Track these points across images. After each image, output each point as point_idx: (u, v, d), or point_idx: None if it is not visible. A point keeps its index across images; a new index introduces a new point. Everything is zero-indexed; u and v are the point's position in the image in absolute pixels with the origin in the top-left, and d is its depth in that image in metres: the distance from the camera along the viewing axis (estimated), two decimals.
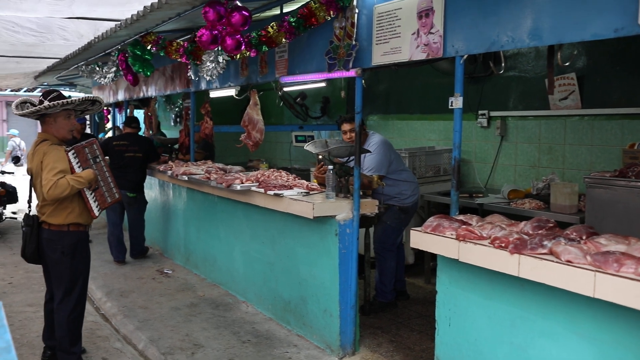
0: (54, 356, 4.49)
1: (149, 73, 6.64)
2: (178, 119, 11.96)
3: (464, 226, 3.33)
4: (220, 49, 4.81)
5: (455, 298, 3.57)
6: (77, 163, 4.07)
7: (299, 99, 9.08)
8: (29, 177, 4.32)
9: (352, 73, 4.38)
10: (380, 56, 4.19)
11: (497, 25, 3.34)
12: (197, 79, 6.85)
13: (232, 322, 5.37)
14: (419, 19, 3.85)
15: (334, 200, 4.57)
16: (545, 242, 2.86)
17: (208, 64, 4.95)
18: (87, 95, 4.22)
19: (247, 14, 4.34)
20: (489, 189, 6.38)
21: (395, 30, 4.05)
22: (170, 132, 11.19)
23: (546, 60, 4.17)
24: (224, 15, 4.32)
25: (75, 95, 7.14)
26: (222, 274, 6.41)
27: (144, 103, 10.34)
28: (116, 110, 11.88)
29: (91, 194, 4.15)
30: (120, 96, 10.20)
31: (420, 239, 3.58)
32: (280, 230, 5.22)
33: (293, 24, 4.62)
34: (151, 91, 8.67)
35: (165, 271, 7.13)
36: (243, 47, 4.61)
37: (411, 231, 3.64)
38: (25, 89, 15.14)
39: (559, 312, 2.94)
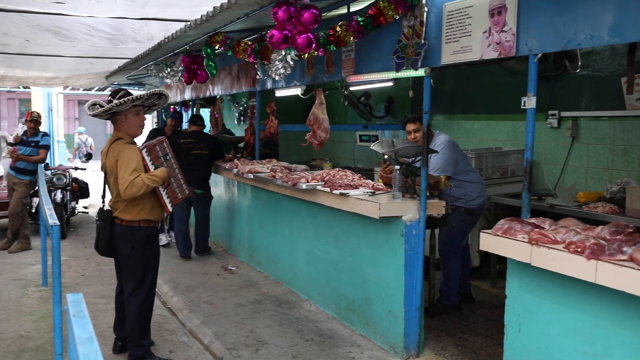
0: (124, 347, 4.63)
1: (214, 72, 6.76)
2: (242, 118, 12.14)
3: (537, 229, 3.23)
4: (289, 48, 4.85)
5: (526, 303, 3.48)
6: (149, 161, 4.18)
7: (363, 98, 9.06)
8: (102, 173, 4.46)
9: (420, 72, 4.33)
10: (449, 55, 4.13)
11: (574, 23, 3.23)
12: (263, 78, 6.92)
13: (295, 320, 5.40)
14: (490, 17, 3.77)
15: (400, 200, 4.53)
16: (624, 248, 2.75)
17: (277, 63, 4.98)
18: (153, 89, 4.31)
19: (316, 12, 4.35)
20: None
21: (465, 29, 3.98)
22: (234, 130, 11.35)
23: (624, 58, 4.01)
24: (293, 14, 4.35)
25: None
26: (285, 271, 6.46)
27: (209, 102, 10.55)
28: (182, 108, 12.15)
29: (164, 190, 4.26)
30: (187, 95, 10.42)
31: (490, 242, 3.51)
32: (345, 230, 5.22)
33: (361, 23, 4.60)
34: (217, 90, 8.82)
35: (230, 268, 7.24)
36: (314, 45, 4.62)
37: (481, 233, 3.57)
38: (96, 88, 15.67)
39: None
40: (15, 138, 8.47)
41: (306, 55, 5.32)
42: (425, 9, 4.28)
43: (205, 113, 10.30)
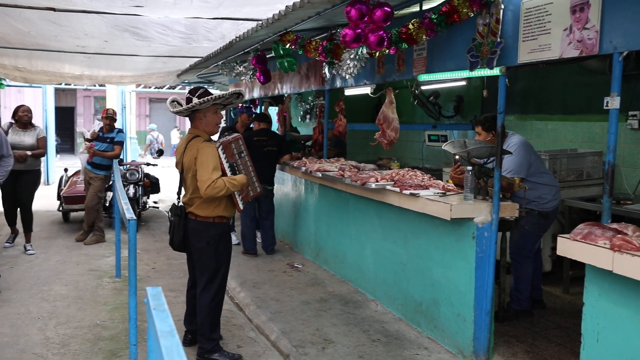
0: (194, 340, 4.73)
1: (295, 67, 6.83)
2: (307, 116, 12.19)
3: (620, 235, 3.10)
4: (360, 47, 4.83)
5: (605, 312, 3.34)
6: (224, 158, 4.25)
7: (432, 97, 8.94)
8: (174, 169, 4.57)
9: (496, 72, 4.23)
10: (526, 54, 4.01)
11: None
12: (331, 76, 6.93)
13: (361, 320, 5.38)
14: (572, 14, 3.64)
15: (472, 202, 4.45)
16: None
17: (348, 62, 4.98)
18: (233, 90, 4.38)
19: (389, 9, 4.31)
20: (638, 196, 5.93)
21: (544, 26, 3.86)
22: (300, 128, 11.41)
23: None
24: (365, 12, 4.33)
25: (214, 92, 7.52)
26: (351, 271, 6.45)
27: (276, 100, 10.65)
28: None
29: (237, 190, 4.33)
30: (256, 93, 10.54)
31: (567, 247, 3.39)
32: (414, 231, 5.16)
33: (434, 20, 4.53)
34: (286, 89, 8.89)
35: (296, 265, 7.29)
36: (385, 43, 4.58)
37: (558, 238, 3.45)
38: (167, 86, 16.06)
39: None
40: (92, 134, 8.79)
41: (377, 54, 5.30)
42: (502, 6, 4.17)
43: (270, 111, 10.42)
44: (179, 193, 4.59)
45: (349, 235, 6.48)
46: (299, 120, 12.30)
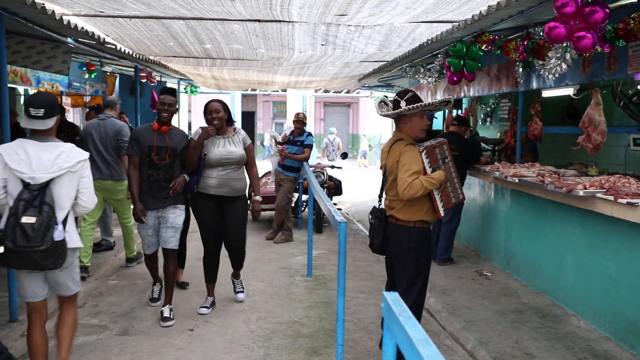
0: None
1: (472, 70, 6.64)
2: (488, 119, 11.80)
3: None
4: (567, 45, 4.55)
5: None
6: (427, 163, 4.20)
7: (635, 97, 8.20)
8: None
9: None
10: None
11: None
12: (526, 78, 6.61)
13: (563, 336, 5.06)
14: None
15: None
16: None
17: (553, 60, 4.71)
18: (444, 97, 4.30)
19: (608, 10, 4.00)
20: None
21: None
22: (481, 131, 11.06)
23: None
24: (580, 10, 4.06)
25: (391, 95, 7.52)
26: (547, 282, 6.10)
27: (456, 103, 10.41)
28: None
29: (438, 194, 4.24)
30: (439, 96, 10.42)
31: None
32: (628, 243, 4.74)
33: None
34: (473, 91, 8.66)
35: (485, 273, 7.06)
36: (597, 44, 4.27)
37: None
38: (345, 90, 16.45)
39: None
40: (283, 138, 9.21)
41: (587, 54, 4.96)
42: None
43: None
44: (380, 196, 4.61)
45: (545, 244, 6.13)
46: (479, 123, 11.94)
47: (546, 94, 7.26)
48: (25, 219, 3.46)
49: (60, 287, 3.89)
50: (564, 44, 4.59)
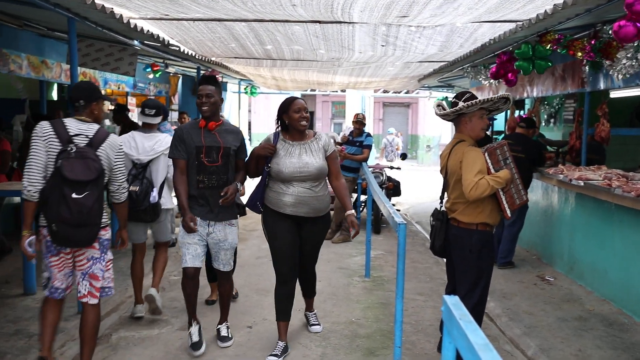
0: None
1: (543, 70, 6.48)
2: (552, 119, 11.49)
3: None
4: (639, 44, 4.40)
5: None
6: (490, 164, 4.13)
7: None
8: (442, 175, 4.54)
9: None
10: None
11: None
12: (593, 77, 6.41)
13: (630, 346, 4.89)
14: None
15: None
16: None
17: (624, 61, 4.55)
18: (502, 94, 4.22)
19: None
20: None
21: None
22: (544, 132, 10.79)
23: None
24: None
25: (450, 96, 7.42)
26: (614, 289, 5.90)
27: (517, 104, 10.16)
28: None
29: (503, 195, 4.17)
30: None
31: None
32: None
33: None
34: (536, 91, 8.46)
35: (547, 278, 6.88)
36: None
37: None
38: (405, 90, 16.35)
39: None
40: (342, 138, 9.23)
41: None
42: None
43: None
44: (441, 197, 4.56)
45: (612, 249, 5.94)
46: (542, 124, 11.65)
47: (614, 94, 7.03)
48: (132, 188, 4.82)
49: (157, 234, 5.48)
50: (635, 43, 4.44)
